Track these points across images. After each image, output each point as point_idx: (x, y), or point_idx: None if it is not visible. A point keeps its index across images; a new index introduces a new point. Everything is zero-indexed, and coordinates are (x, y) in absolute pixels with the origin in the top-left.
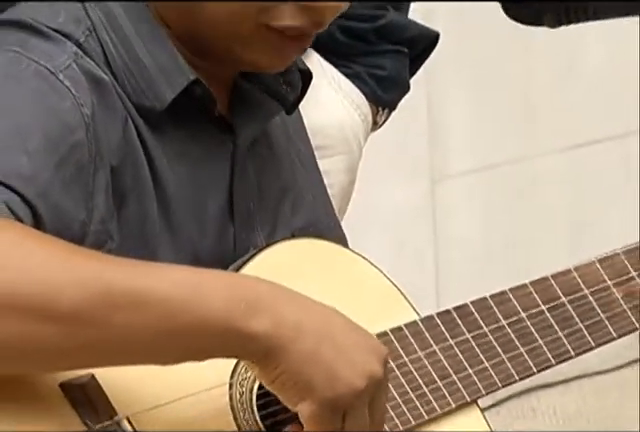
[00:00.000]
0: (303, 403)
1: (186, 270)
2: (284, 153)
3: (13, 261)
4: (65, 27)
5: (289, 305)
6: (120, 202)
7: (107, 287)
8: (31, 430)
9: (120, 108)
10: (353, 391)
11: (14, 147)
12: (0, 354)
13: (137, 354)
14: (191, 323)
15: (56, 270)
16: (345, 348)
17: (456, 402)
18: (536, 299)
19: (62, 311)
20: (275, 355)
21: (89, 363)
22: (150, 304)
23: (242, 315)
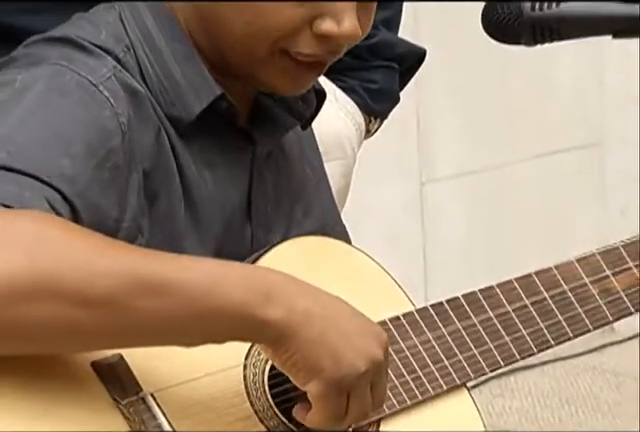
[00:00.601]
0: (311, 383)
1: (209, 261)
2: (297, 163)
3: (52, 250)
4: (106, 43)
5: (300, 295)
6: (151, 201)
7: (137, 276)
8: (65, 404)
9: (153, 118)
10: (356, 372)
11: (58, 151)
12: (38, 335)
13: (163, 337)
14: (212, 309)
15: (91, 259)
16: (349, 334)
17: (447, 385)
18: (520, 294)
19: (95, 297)
20: (286, 339)
21: (119, 345)
22: (176, 292)
23: (258, 303)
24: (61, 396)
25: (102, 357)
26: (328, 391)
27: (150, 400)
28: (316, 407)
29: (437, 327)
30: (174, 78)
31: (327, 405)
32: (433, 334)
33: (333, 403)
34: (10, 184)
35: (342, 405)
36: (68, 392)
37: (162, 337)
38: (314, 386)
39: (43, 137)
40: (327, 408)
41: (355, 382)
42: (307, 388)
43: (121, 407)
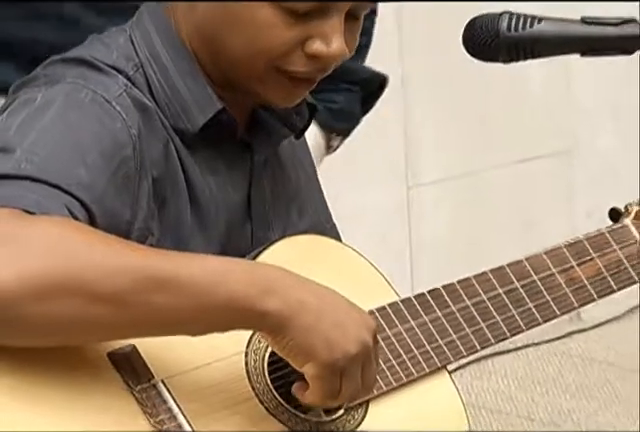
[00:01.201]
0: (307, 365)
1: (213, 259)
2: (291, 169)
3: (71, 251)
4: (118, 63)
5: (297, 288)
6: (160, 205)
7: (148, 273)
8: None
9: (161, 129)
10: (348, 355)
11: (75, 161)
12: (60, 329)
13: (172, 328)
14: (217, 302)
15: (106, 259)
16: (342, 321)
17: (429, 367)
18: (494, 284)
19: (111, 293)
20: (284, 327)
21: (132, 335)
22: (183, 287)
23: (258, 296)
24: (80, 384)
25: (117, 347)
26: (323, 372)
27: (161, 386)
28: (312, 387)
29: (420, 315)
30: (180, 94)
31: (322, 385)
32: (416, 322)
33: (328, 383)
34: (33, 192)
35: (336, 385)
36: (86, 380)
37: (172, 328)
38: (310, 368)
39: (62, 149)
40: (322, 388)
41: (347, 364)
42: (304, 370)
43: (134, 393)
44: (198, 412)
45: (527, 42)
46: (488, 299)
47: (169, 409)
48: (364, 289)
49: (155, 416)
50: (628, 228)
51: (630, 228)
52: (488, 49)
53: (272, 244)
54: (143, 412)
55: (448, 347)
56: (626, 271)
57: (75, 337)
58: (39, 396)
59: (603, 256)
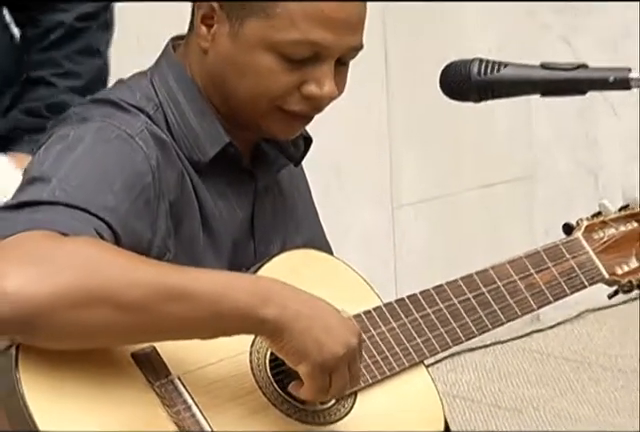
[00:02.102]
0: (301, 365)
1: (220, 273)
2: (289, 193)
3: (99, 267)
4: (140, 103)
5: (292, 299)
6: (176, 225)
7: (164, 285)
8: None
9: (177, 160)
10: (336, 356)
11: (102, 189)
12: (89, 334)
13: (185, 333)
14: (223, 310)
15: (129, 274)
16: (331, 327)
17: (409, 362)
18: (464, 289)
19: (133, 303)
20: (281, 333)
21: (151, 340)
22: (195, 298)
23: (258, 305)
24: (108, 380)
25: (139, 348)
26: (314, 371)
27: (177, 382)
28: (306, 383)
29: (400, 317)
30: (193, 129)
31: (314, 382)
32: (397, 323)
33: (319, 380)
34: (67, 217)
35: (326, 381)
36: (113, 377)
37: (185, 333)
38: (304, 367)
39: (91, 179)
40: (315, 384)
41: (335, 364)
42: (298, 369)
43: (155, 388)
44: (209, 403)
45: (494, 85)
46: (459, 302)
47: (184, 401)
48: (352, 296)
49: (172, 407)
50: (579, 240)
51: (581, 240)
52: (461, 91)
53: (272, 257)
54: (162, 404)
55: (425, 344)
56: (577, 277)
57: (101, 341)
58: (72, 391)
59: (557, 265)
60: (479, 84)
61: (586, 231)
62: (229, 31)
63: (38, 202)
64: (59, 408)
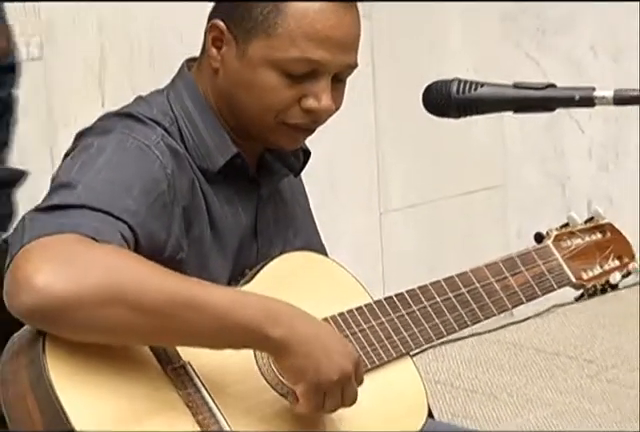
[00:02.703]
0: (298, 384)
1: (233, 290)
2: (289, 200)
3: (121, 273)
4: (157, 117)
5: (299, 322)
6: (188, 227)
7: (179, 294)
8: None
9: (189, 169)
10: (330, 381)
11: (123, 194)
12: (110, 331)
13: (193, 340)
14: (231, 324)
15: (148, 280)
16: (330, 353)
17: (396, 353)
18: (446, 289)
19: (149, 307)
20: (283, 352)
21: (161, 343)
22: (205, 310)
23: (265, 324)
24: (127, 365)
25: None
26: (309, 391)
27: (188, 367)
28: (301, 401)
29: (388, 313)
30: (204, 141)
31: (308, 400)
32: (386, 318)
33: (313, 400)
34: (92, 219)
35: (319, 401)
36: (131, 363)
37: (193, 340)
38: (299, 387)
39: (113, 185)
40: (309, 402)
41: (329, 387)
42: (295, 388)
43: (167, 373)
44: (216, 386)
45: (472, 103)
46: (441, 301)
47: (194, 384)
48: (345, 293)
49: (183, 389)
50: (549, 248)
51: (551, 248)
52: (442, 108)
53: (273, 258)
54: (174, 386)
55: (411, 337)
56: (548, 281)
57: (117, 338)
58: (94, 376)
59: (530, 269)
60: (458, 102)
61: (555, 240)
62: (236, 52)
63: (66, 206)
64: (83, 391)
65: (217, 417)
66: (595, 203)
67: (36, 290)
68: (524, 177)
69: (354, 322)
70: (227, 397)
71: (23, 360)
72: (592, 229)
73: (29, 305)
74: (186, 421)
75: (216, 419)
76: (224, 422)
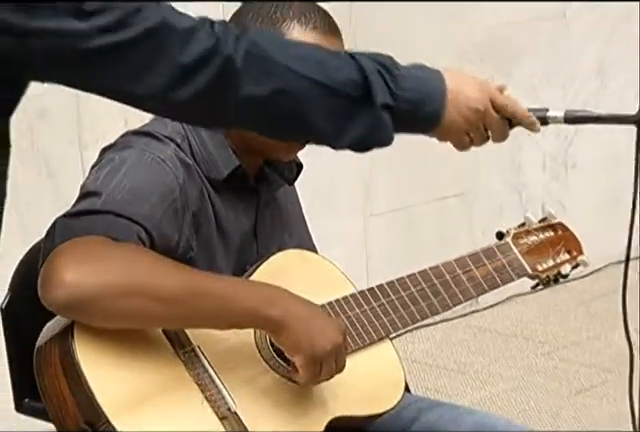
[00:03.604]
0: (296, 356)
1: (236, 279)
2: (284, 206)
3: (139, 267)
4: (170, 134)
5: (293, 302)
6: (197, 230)
7: (191, 285)
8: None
9: (198, 179)
10: (324, 351)
11: (141, 201)
12: (131, 318)
13: (204, 323)
14: (235, 308)
15: (163, 273)
16: (321, 327)
17: (377, 336)
18: (420, 281)
19: (165, 296)
20: (281, 330)
21: (176, 326)
22: (213, 297)
23: (264, 307)
24: (144, 349)
25: None
26: (307, 361)
27: (197, 350)
28: (300, 371)
29: (370, 301)
30: (211, 155)
31: (306, 370)
32: (368, 306)
33: (310, 369)
34: (115, 224)
35: (317, 371)
36: (148, 347)
37: (204, 323)
38: (297, 359)
39: (132, 193)
40: (307, 372)
41: (324, 357)
42: (294, 359)
43: (180, 355)
44: (222, 367)
45: None
46: (416, 291)
47: (203, 365)
48: (334, 285)
49: (193, 370)
50: (509, 244)
51: (510, 244)
52: None
53: (271, 256)
54: (186, 367)
55: (390, 323)
56: (507, 273)
57: (139, 324)
58: (115, 358)
59: (492, 262)
60: None
61: (514, 237)
62: None
63: (92, 211)
64: (106, 371)
65: (222, 393)
66: (547, 207)
67: (66, 286)
68: (489, 185)
69: (341, 309)
70: (231, 376)
71: (55, 345)
72: (545, 228)
73: (60, 299)
74: (195, 397)
75: (222, 395)
76: (229, 397)
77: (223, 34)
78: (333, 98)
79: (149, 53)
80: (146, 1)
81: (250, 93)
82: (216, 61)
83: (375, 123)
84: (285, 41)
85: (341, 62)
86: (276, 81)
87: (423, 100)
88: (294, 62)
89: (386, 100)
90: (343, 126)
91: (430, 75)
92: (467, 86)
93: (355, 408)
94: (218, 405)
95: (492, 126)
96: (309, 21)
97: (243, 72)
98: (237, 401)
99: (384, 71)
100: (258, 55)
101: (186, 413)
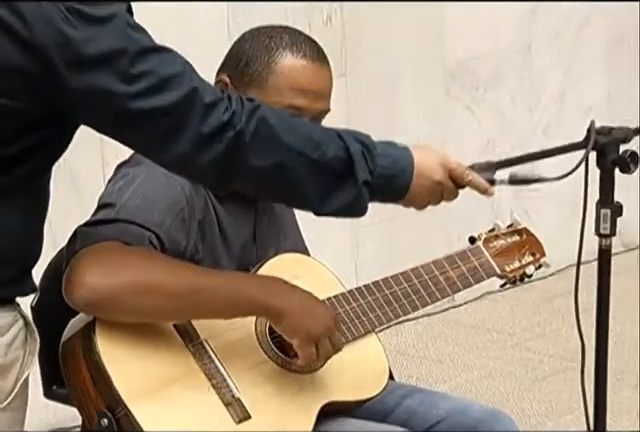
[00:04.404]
0: (294, 339)
1: (239, 273)
2: (280, 214)
3: (152, 266)
4: None
5: (290, 293)
6: (203, 236)
7: (197, 281)
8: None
9: (203, 191)
10: (317, 334)
11: (153, 211)
12: (146, 312)
13: (211, 314)
14: (238, 299)
15: (173, 272)
16: (314, 313)
17: (365, 330)
18: (402, 280)
19: (174, 292)
20: (281, 317)
21: (188, 318)
22: (218, 289)
23: (265, 296)
24: (157, 342)
25: None
26: (303, 344)
27: (205, 343)
28: (298, 353)
29: (358, 299)
30: None
31: (304, 351)
32: (355, 303)
33: (307, 350)
34: (129, 231)
35: (314, 352)
36: (161, 340)
37: (211, 315)
38: (295, 341)
39: (144, 204)
40: (305, 353)
41: (317, 338)
42: (292, 342)
43: (189, 348)
44: (227, 358)
45: None
46: (399, 289)
47: (210, 357)
48: (325, 285)
49: (201, 361)
50: (480, 248)
51: (481, 248)
52: None
53: (269, 259)
54: (194, 358)
55: (376, 318)
56: (479, 273)
57: (154, 318)
58: (131, 350)
59: (465, 264)
60: None
61: (485, 242)
62: None
63: (108, 220)
64: (124, 362)
65: (227, 381)
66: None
67: (87, 287)
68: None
69: (332, 306)
70: (235, 367)
71: (79, 340)
72: (512, 233)
73: (82, 299)
74: (203, 385)
75: (226, 383)
76: (233, 385)
77: (238, 109)
78: (322, 173)
79: (178, 119)
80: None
81: (255, 164)
82: (230, 134)
83: (355, 197)
84: (289, 120)
85: (332, 142)
86: (277, 156)
87: (396, 176)
88: (294, 140)
89: (366, 177)
90: (327, 198)
91: (401, 153)
92: (430, 162)
93: (345, 394)
94: (223, 392)
95: (448, 193)
96: (300, 50)
97: (250, 146)
98: (240, 388)
99: (365, 151)
100: (265, 132)
101: (195, 399)
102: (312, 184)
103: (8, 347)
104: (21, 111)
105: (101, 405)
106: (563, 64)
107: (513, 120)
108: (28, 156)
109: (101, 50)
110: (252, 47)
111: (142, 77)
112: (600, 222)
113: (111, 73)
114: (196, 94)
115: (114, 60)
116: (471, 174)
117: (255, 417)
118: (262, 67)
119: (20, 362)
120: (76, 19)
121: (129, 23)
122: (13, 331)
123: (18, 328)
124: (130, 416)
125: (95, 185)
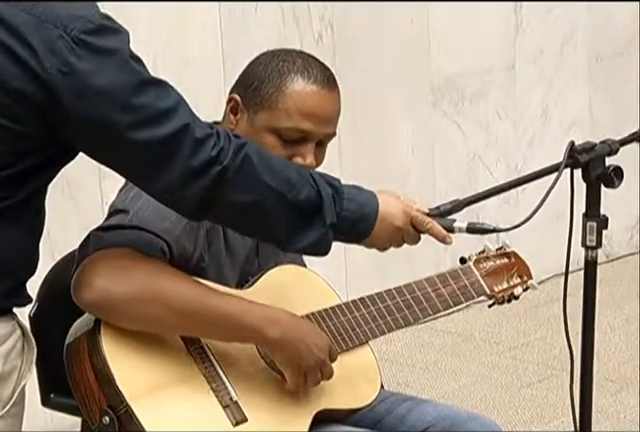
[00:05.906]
0: (286, 370)
1: (242, 299)
2: None
3: (158, 280)
4: None
5: (290, 325)
6: (209, 245)
7: (201, 300)
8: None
9: None
10: (308, 366)
11: (164, 219)
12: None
13: (210, 335)
14: (238, 327)
15: (178, 287)
16: (309, 347)
17: (359, 341)
18: (395, 295)
19: (177, 308)
20: (277, 348)
21: (185, 334)
22: (220, 314)
23: (263, 327)
24: (160, 346)
25: None
26: (293, 375)
27: (206, 347)
28: (288, 381)
29: (352, 311)
30: None
31: (294, 381)
32: (350, 315)
33: (296, 380)
34: (140, 237)
35: (302, 381)
36: (164, 344)
37: (210, 336)
38: (287, 372)
39: (156, 212)
40: (294, 382)
41: (308, 371)
42: (283, 371)
43: (190, 351)
44: (226, 362)
45: None
46: (392, 304)
47: (210, 360)
48: (322, 296)
49: (202, 364)
50: (470, 268)
51: (472, 268)
52: None
53: (269, 269)
54: (195, 362)
55: (369, 330)
56: (469, 292)
57: (153, 329)
58: (136, 353)
59: (456, 282)
60: None
61: (475, 262)
62: (247, 119)
63: (120, 226)
64: (127, 363)
65: (226, 385)
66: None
67: (95, 289)
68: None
69: (328, 317)
70: (234, 371)
71: (85, 340)
72: (501, 255)
73: (90, 301)
74: (203, 387)
75: (225, 386)
76: (231, 389)
77: (226, 145)
78: (294, 213)
79: (170, 151)
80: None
81: (234, 200)
82: (216, 169)
83: (321, 237)
84: (270, 160)
85: (306, 184)
86: (256, 194)
87: (359, 220)
88: (272, 180)
89: (333, 220)
90: (296, 236)
91: (367, 199)
92: (393, 208)
93: (338, 402)
94: (222, 395)
95: (409, 238)
96: (311, 75)
97: (233, 182)
98: (238, 392)
99: (335, 195)
100: (248, 170)
101: (194, 401)
102: (284, 222)
103: (6, 357)
104: (26, 134)
105: (103, 403)
106: (546, 80)
107: (498, 134)
108: (33, 174)
109: (106, 81)
110: (265, 70)
111: (141, 109)
112: (587, 234)
113: (113, 104)
114: (187, 129)
115: (117, 91)
116: (431, 222)
117: (251, 420)
118: (273, 90)
119: (18, 371)
120: (82, 50)
121: (131, 55)
122: (11, 341)
123: (16, 338)
124: (131, 414)
125: (92, 197)
